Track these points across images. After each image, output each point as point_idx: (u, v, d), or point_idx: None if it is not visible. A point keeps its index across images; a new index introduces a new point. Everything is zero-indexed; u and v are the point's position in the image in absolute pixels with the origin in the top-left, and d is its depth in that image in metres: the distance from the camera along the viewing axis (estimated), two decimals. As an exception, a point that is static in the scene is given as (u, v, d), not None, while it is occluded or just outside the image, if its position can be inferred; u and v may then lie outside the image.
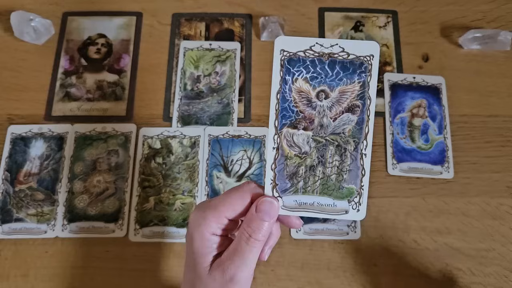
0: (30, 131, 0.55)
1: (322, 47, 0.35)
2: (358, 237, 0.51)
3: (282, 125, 0.35)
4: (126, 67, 0.59)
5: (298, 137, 0.35)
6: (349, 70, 0.35)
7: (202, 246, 0.33)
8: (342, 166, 0.36)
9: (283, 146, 0.35)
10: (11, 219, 0.51)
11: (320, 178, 0.36)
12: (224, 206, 0.33)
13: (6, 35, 0.62)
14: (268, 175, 0.35)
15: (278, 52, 0.35)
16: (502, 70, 0.59)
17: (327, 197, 0.36)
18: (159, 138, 0.55)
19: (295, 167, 0.35)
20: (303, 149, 0.35)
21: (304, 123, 0.35)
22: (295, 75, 0.35)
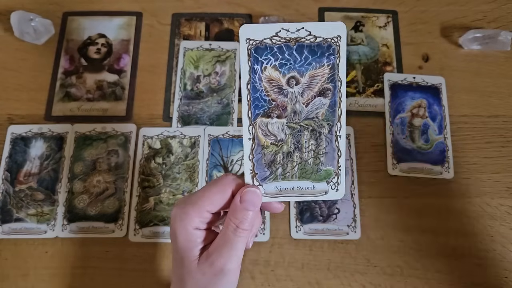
0: (30, 131, 0.55)
1: (288, 32, 0.34)
2: (358, 237, 0.51)
3: (256, 115, 0.35)
4: (126, 67, 0.59)
5: (273, 125, 0.35)
6: (317, 53, 0.34)
7: (187, 240, 0.34)
8: (318, 150, 0.36)
9: (259, 136, 0.35)
10: (11, 219, 0.51)
11: (298, 164, 0.36)
12: (205, 200, 0.34)
13: (6, 35, 0.62)
14: (246, 166, 0.35)
15: (244, 41, 0.34)
16: (503, 71, 0.59)
17: (306, 180, 0.36)
18: (159, 138, 0.55)
19: (273, 155, 0.36)
20: (279, 136, 0.36)
21: (277, 111, 0.35)
22: (263, 64, 0.34)
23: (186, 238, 0.34)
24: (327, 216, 0.51)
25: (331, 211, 0.52)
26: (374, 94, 0.57)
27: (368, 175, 0.54)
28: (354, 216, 0.51)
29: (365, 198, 0.52)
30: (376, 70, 0.59)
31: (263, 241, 0.51)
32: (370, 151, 0.55)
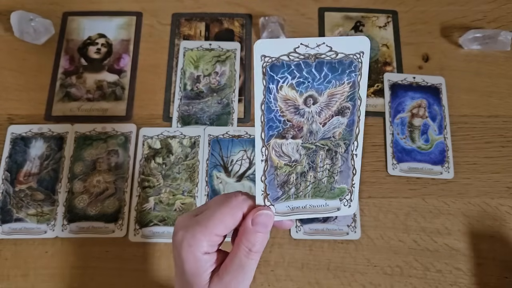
0: (30, 131, 0.55)
1: (308, 48, 0.31)
2: (358, 237, 0.51)
3: (270, 136, 0.32)
4: (126, 67, 0.59)
5: (287, 146, 0.34)
6: (338, 70, 0.32)
7: (195, 267, 0.32)
8: (333, 169, 0.35)
9: (272, 157, 0.33)
10: (11, 219, 0.51)
11: (311, 183, 0.35)
12: (214, 223, 0.31)
13: (6, 35, 0.62)
14: (258, 187, 0.33)
15: (258, 59, 0.30)
16: (502, 71, 0.59)
17: (319, 198, 0.35)
18: (159, 138, 0.55)
19: (286, 176, 0.34)
20: (293, 157, 0.34)
21: (292, 131, 0.33)
22: (279, 83, 0.31)
23: (195, 265, 0.32)
24: (327, 216, 0.52)
25: None
26: (374, 94, 0.57)
27: (368, 175, 0.54)
28: (354, 216, 0.51)
29: (365, 198, 0.52)
30: (376, 70, 0.59)
31: (263, 241, 0.51)
32: (370, 151, 0.55)
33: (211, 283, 0.32)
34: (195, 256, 0.31)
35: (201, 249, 0.31)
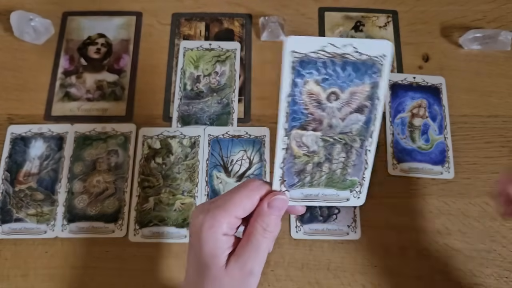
0: (29, 131, 0.55)
1: (335, 48, 0.33)
2: (358, 237, 0.51)
3: (292, 127, 0.35)
4: (126, 67, 0.59)
5: (307, 137, 0.35)
6: (361, 71, 0.34)
7: (215, 248, 0.33)
8: (347, 162, 0.37)
9: (292, 147, 0.35)
10: (11, 219, 0.51)
11: (326, 173, 0.37)
12: (234, 205, 0.33)
13: (6, 34, 0.61)
14: (277, 173, 0.36)
15: (288, 54, 0.33)
16: (502, 70, 0.59)
17: (331, 188, 0.38)
18: (158, 138, 0.55)
19: (303, 165, 0.36)
20: (312, 148, 0.36)
21: (313, 124, 0.35)
22: (306, 78, 0.33)
23: (214, 245, 0.33)
24: (327, 216, 0.51)
25: (331, 211, 0.52)
26: (374, 94, 0.57)
27: (368, 175, 0.54)
28: (354, 216, 0.51)
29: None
30: (376, 70, 0.59)
31: (263, 241, 0.51)
32: (370, 151, 0.55)
33: (228, 264, 0.34)
34: (215, 237, 0.33)
35: (221, 230, 0.33)
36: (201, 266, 0.34)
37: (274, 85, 0.58)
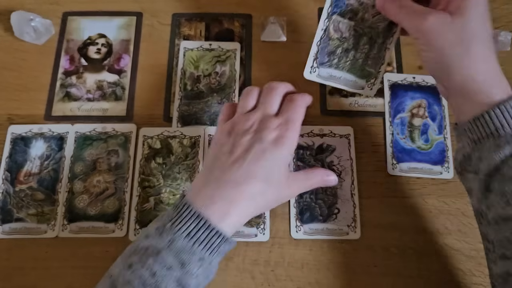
0: (30, 131, 0.55)
1: None
2: (358, 237, 0.51)
3: (333, 12, 0.45)
4: (126, 67, 0.59)
5: (343, 24, 0.45)
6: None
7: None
8: (369, 53, 0.46)
9: (330, 29, 0.45)
10: (12, 219, 0.52)
11: (350, 60, 0.47)
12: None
13: (6, 35, 0.62)
14: (313, 50, 0.46)
15: None
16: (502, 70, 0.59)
17: (352, 74, 0.48)
18: (159, 138, 0.55)
19: (335, 48, 0.46)
20: (344, 34, 0.46)
21: (350, 14, 0.45)
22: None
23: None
24: (327, 216, 0.52)
25: (331, 211, 0.52)
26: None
27: (368, 175, 0.54)
28: (354, 216, 0.51)
29: (365, 198, 0.53)
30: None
31: (263, 241, 0.51)
32: (370, 151, 0.55)
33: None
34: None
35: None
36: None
37: (274, 85, 0.58)
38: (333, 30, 0.45)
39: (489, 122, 0.37)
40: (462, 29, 0.38)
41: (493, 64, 0.40)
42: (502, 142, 0.37)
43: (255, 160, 0.41)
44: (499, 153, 0.37)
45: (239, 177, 0.40)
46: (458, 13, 0.38)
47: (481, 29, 0.39)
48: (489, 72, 0.39)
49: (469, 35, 0.38)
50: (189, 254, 0.38)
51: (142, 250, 0.39)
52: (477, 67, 0.39)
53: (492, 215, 0.38)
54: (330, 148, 0.54)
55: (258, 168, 0.41)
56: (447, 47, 0.39)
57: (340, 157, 0.54)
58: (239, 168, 0.41)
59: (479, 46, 0.39)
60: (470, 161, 0.40)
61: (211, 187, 0.41)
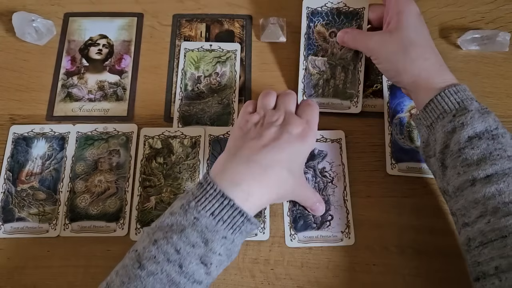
0: (32, 131, 0.56)
1: (332, 4, 0.56)
2: (352, 243, 0.51)
3: (308, 54, 0.55)
4: (127, 68, 0.60)
5: (318, 61, 0.55)
6: (349, 17, 0.55)
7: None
8: (346, 79, 0.55)
9: (309, 67, 0.55)
10: (13, 219, 0.52)
11: (332, 87, 0.56)
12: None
13: (8, 35, 0.62)
14: (299, 86, 0.56)
15: (305, 8, 0.56)
16: (501, 71, 0.60)
17: (337, 98, 0.56)
18: (160, 138, 0.55)
19: (317, 80, 0.55)
20: (322, 68, 0.55)
21: (322, 52, 0.55)
22: (315, 23, 0.56)
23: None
24: (320, 223, 0.52)
25: (325, 218, 0.52)
26: (373, 95, 0.58)
27: (367, 175, 0.54)
28: (347, 222, 0.51)
29: (363, 198, 0.53)
30: (375, 71, 0.59)
31: (263, 240, 0.51)
32: (369, 151, 0.55)
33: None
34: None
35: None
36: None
37: (274, 86, 0.59)
38: (312, 67, 0.55)
39: (435, 108, 0.45)
40: (399, 40, 0.48)
41: (433, 60, 0.47)
42: (446, 121, 0.43)
43: (283, 148, 0.43)
44: (445, 131, 0.43)
45: (268, 162, 0.42)
46: (395, 29, 0.48)
47: (415, 36, 0.48)
48: (430, 67, 0.47)
49: (406, 43, 0.47)
50: (212, 232, 0.39)
51: (167, 227, 0.40)
52: (419, 66, 0.47)
53: (451, 189, 0.43)
54: (321, 154, 0.55)
55: (285, 156, 0.43)
56: (391, 56, 0.48)
57: (332, 162, 0.54)
58: (268, 152, 0.43)
59: (416, 50, 0.47)
60: (429, 145, 0.46)
61: (239, 164, 0.42)
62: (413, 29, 0.48)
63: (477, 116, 0.42)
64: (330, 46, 0.55)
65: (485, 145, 0.41)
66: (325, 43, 0.55)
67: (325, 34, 0.55)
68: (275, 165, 0.42)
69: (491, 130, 0.41)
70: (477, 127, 0.42)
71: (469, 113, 0.42)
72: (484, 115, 0.42)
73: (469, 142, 0.41)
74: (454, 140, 0.42)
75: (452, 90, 0.44)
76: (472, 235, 0.40)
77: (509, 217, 0.38)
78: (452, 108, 0.44)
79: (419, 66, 0.47)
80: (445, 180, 0.44)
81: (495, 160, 0.40)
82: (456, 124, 0.43)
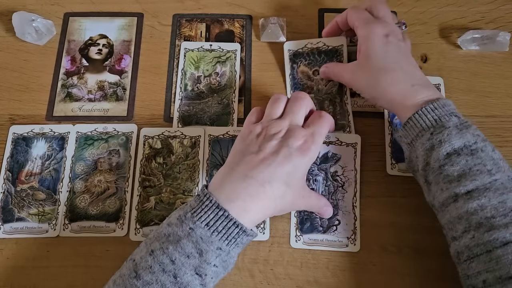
0: (31, 131, 0.56)
1: (312, 45, 0.59)
2: (357, 250, 0.51)
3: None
4: (127, 68, 0.60)
5: None
6: (330, 55, 0.58)
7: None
8: (335, 111, 0.56)
9: None
10: (13, 219, 0.52)
11: None
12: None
13: (8, 35, 0.62)
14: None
15: (286, 51, 0.59)
16: (500, 71, 0.59)
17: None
18: (159, 138, 0.55)
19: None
20: None
21: (308, 90, 0.57)
22: (298, 63, 0.58)
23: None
24: (327, 227, 0.51)
25: (332, 222, 0.52)
26: (373, 95, 0.58)
27: (367, 175, 0.54)
28: (354, 228, 0.51)
29: (363, 198, 0.53)
30: (375, 71, 0.59)
31: (263, 240, 0.51)
32: (369, 151, 0.55)
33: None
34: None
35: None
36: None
37: (273, 86, 0.59)
38: None
39: (413, 125, 0.45)
40: (369, 71, 0.49)
41: (404, 84, 0.47)
42: (425, 139, 0.44)
43: (281, 163, 0.43)
44: (425, 148, 0.44)
45: (265, 177, 0.42)
46: (364, 59, 0.49)
47: (383, 63, 0.48)
48: (402, 91, 0.47)
49: (374, 72, 0.48)
50: (207, 243, 0.39)
51: (164, 237, 0.40)
52: (391, 92, 0.47)
53: (437, 204, 0.44)
54: (335, 157, 0.54)
55: (283, 171, 0.43)
56: (365, 85, 0.50)
57: (345, 167, 0.53)
58: (266, 168, 0.42)
59: (386, 77, 0.47)
60: (412, 162, 0.47)
61: (235, 180, 0.42)
62: (380, 56, 0.48)
63: (454, 133, 0.42)
64: (315, 84, 0.56)
65: (464, 161, 0.41)
66: (309, 81, 0.56)
67: (309, 73, 0.57)
68: (272, 180, 0.42)
69: (469, 145, 0.42)
70: (455, 143, 0.42)
71: (446, 130, 0.43)
72: (462, 131, 0.42)
73: (448, 159, 0.42)
74: (434, 158, 0.43)
75: (430, 107, 0.44)
76: (460, 249, 0.41)
77: (492, 231, 0.39)
78: (430, 125, 0.44)
79: (391, 92, 0.47)
80: (431, 195, 0.45)
81: (475, 176, 0.40)
82: (434, 141, 0.43)
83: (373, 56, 0.48)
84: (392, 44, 0.48)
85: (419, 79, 0.47)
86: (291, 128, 0.45)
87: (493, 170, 0.40)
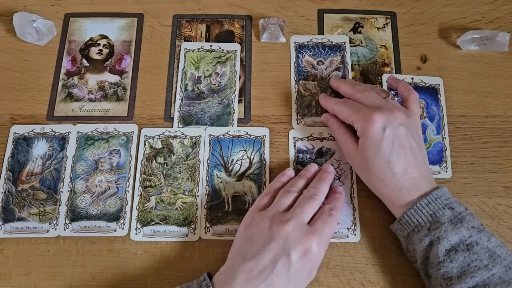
0: (32, 131, 0.56)
1: (317, 40, 0.62)
2: (357, 240, 0.51)
3: (299, 79, 0.59)
4: (127, 68, 0.60)
5: (309, 85, 0.59)
6: (333, 49, 0.61)
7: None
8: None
9: (300, 90, 0.58)
10: (14, 218, 0.52)
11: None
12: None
13: (8, 36, 0.62)
14: (293, 107, 0.57)
15: (293, 43, 0.61)
16: (500, 71, 0.60)
17: None
18: (160, 138, 0.55)
19: (309, 101, 0.58)
20: (313, 91, 0.58)
21: (312, 77, 0.59)
22: (303, 54, 0.61)
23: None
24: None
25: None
26: (373, 95, 0.58)
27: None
28: (353, 219, 0.52)
29: (364, 198, 0.53)
30: (374, 71, 0.59)
31: (263, 240, 0.51)
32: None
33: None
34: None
35: None
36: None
37: (273, 86, 0.59)
38: (303, 90, 0.58)
39: (409, 221, 0.46)
40: (361, 162, 0.48)
41: (393, 186, 0.46)
42: (422, 235, 0.45)
43: (279, 274, 0.42)
44: (423, 244, 0.44)
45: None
46: (360, 146, 0.48)
47: (372, 164, 0.47)
48: (391, 193, 0.47)
49: (367, 167, 0.47)
50: None
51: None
52: (379, 191, 0.48)
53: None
54: (329, 151, 0.55)
55: (281, 282, 0.42)
56: (358, 171, 0.51)
57: (340, 160, 0.54)
58: (264, 280, 0.42)
59: (375, 177, 0.47)
60: (410, 253, 0.48)
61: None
62: (373, 155, 0.47)
63: (450, 228, 0.43)
64: (319, 72, 0.59)
65: (462, 258, 0.42)
66: (313, 69, 0.59)
67: (313, 63, 0.59)
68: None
69: (465, 240, 0.43)
70: (452, 239, 0.43)
71: (442, 226, 0.44)
72: (457, 226, 0.43)
73: (447, 255, 0.43)
74: (433, 254, 0.44)
75: (424, 202, 0.45)
76: None
77: None
78: (426, 221, 0.45)
79: (381, 191, 0.48)
80: (432, 287, 0.45)
81: (474, 272, 0.42)
82: (433, 238, 0.44)
83: (366, 152, 0.47)
84: (388, 138, 0.46)
85: (410, 176, 0.46)
86: (297, 229, 0.44)
87: (489, 265, 0.42)
